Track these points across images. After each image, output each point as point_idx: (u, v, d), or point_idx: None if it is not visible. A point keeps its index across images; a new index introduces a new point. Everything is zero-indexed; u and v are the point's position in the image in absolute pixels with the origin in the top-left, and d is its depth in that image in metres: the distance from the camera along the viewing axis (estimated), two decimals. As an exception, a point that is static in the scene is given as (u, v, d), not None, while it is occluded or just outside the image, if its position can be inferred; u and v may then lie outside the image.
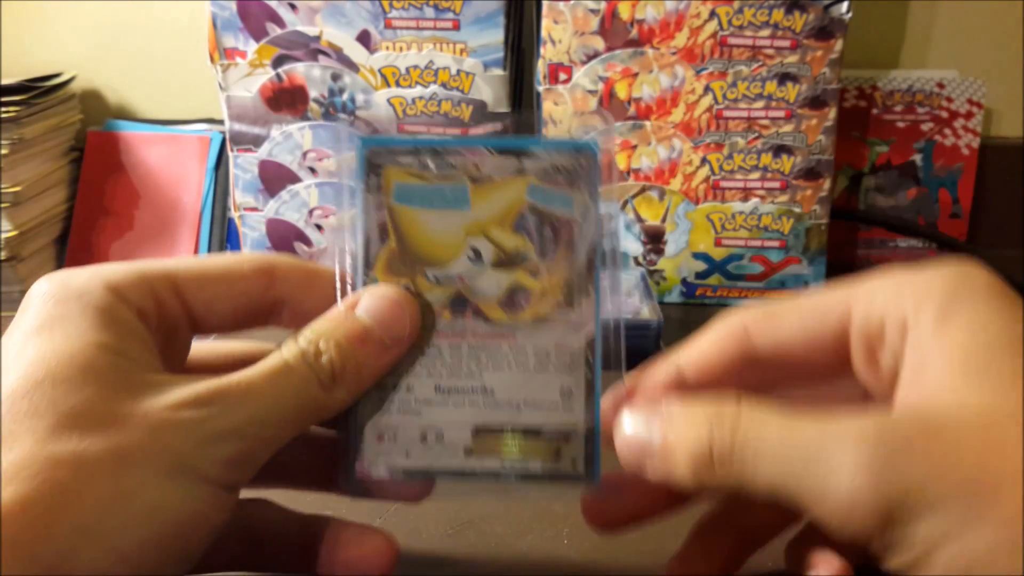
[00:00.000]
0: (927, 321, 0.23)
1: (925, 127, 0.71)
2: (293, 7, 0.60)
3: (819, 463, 0.21)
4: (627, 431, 0.25)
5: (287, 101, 0.62)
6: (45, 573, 0.19)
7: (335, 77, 0.61)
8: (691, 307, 0.65)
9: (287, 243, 0.65)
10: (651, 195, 0.63)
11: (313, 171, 0.63)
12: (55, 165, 0.68)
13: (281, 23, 0.61)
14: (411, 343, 0.27)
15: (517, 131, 0.46)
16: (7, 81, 0.64)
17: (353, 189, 0.28)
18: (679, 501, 0.28)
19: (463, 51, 0.61)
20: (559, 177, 0.28)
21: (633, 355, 0.28)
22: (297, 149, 0.63)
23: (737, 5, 0.59)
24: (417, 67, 0.61)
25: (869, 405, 0.25)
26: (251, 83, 0.62)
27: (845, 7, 0.59)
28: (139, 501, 0.21)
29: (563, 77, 0.61)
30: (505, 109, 0.62)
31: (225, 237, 0.69)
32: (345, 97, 0.62)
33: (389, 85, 0.61)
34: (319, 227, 0.65)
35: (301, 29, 0.61)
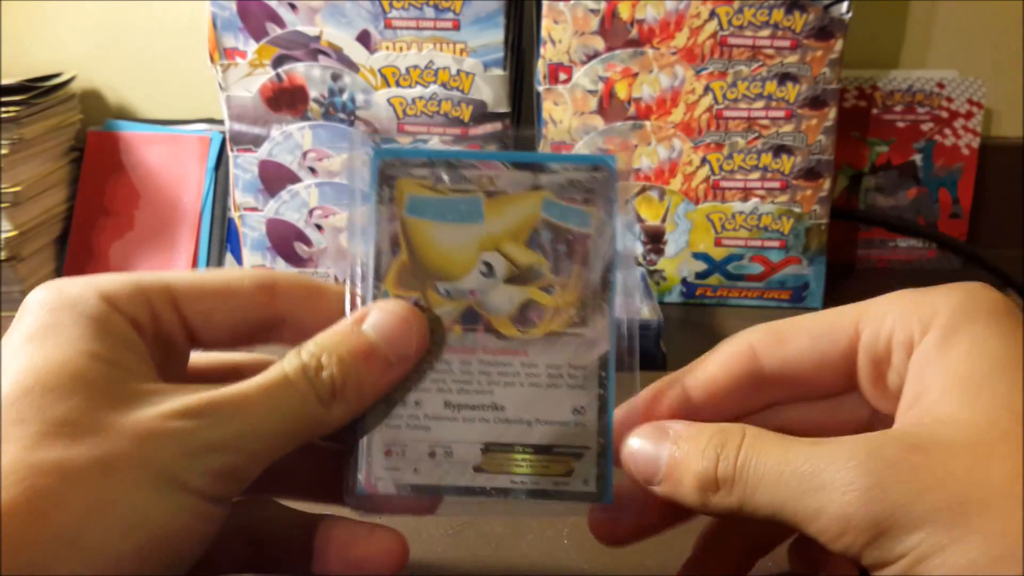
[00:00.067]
0: (930, 342, 0.24)
1: (925, 127, 0.71)
2: (293, 7, 0.60)
3: (813, 482, 0.22)
4: (635, 451, 0.26)
5: (287, 101, 0.62)
6: None
7: (335, 77, 0.61)
8: (691, 307, 0.65)
9: (287, 243, 0.65)
10: (651, 195, 0.63)
11: (313, 171, 0.63)
12: (55, 165, 0.68)
13: (281, 23, 0.61)
14: (417, 361, 0.27)
15: (517, 146, 0.45)
16: (7, 81, 0.64)
17: (365, 199, 0.27)
18: (685, 516, 0.28)
19: (463, 51, 0.61)
20: (575, 193, 0.27)
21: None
22: (297, 149, 0.63)
23: (737, 5, 0.59)
24: (417, 67, 0.61)
25: (874, 425, 0.26)
26: (251, 83, 0.62)
27: (845, 7, 0.59)
28: (122, 510, 0.21)
29: (563, 77, 0.61)
30: (505, 109, 0.62)
31: (225, 237, 0.69)
32: (345, 97, 0.62)
33: (389, 85, 0.61)
34: (319, 227, 0.65)
35: (301, 29, 0.61)
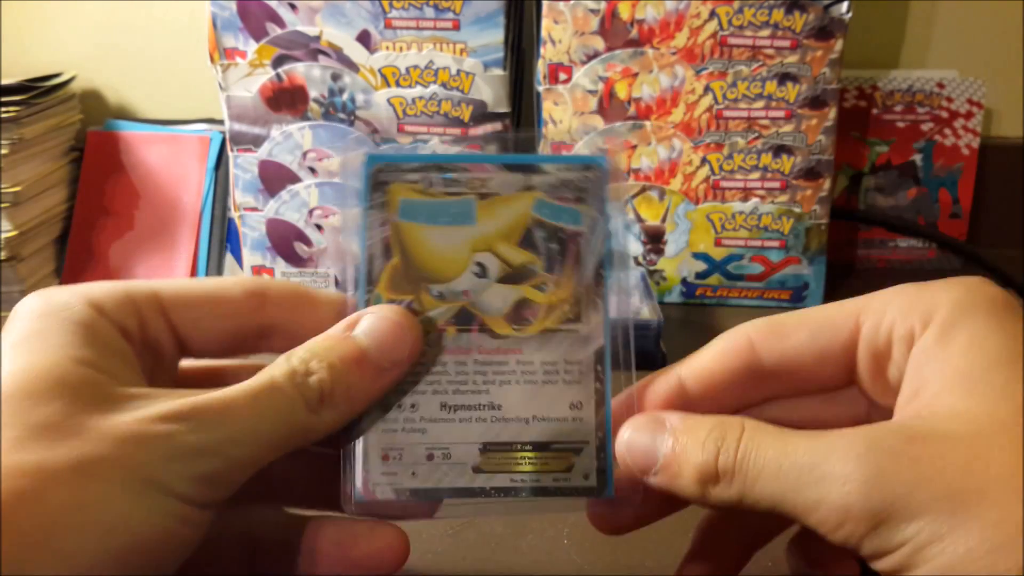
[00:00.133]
0: (930, 337, 0.24)
1: (925, 127, 0.71)
2: (293, 7, 0.60)
3: (812, 473, 0.22)
4: (632, 442, 0.26)
5: (287, 101, 0.62)
6: None
7: (335, 77, 0.61)
8: (691, 307, 0.65)
9: (287, 243, 0.65)
10: (651, 195, 0.63)
11: (313, 171, 0.63)
12: (55, 165, 0.68)
13: (281, 23, 0.61)
14: (412, 363, 0.26)
15: (517, 149, 0.46)
16: (7, 81, 0.64)
17: (357, 204, 0.27)
18: (682, 504, 0.28)
19: (463, 51, 0.61)
20: (567, 192, 0.28)
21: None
22: (297, 149, 0.63)
23: (737, 5, 0.59)
24: (417, 67, 0.61)
25: (872, 419, 0.25)
26: (251, 83, 0.62)
27: (845, 7, 0.59)
28: (99, 512, 0.21)
29: (563, 77, 0.61)
30: (505, 109, 0.62)
31: (225, 237, 0.69)
32: (345, 97, 0.62)
33: (389, 85, 0.61)
34: (319, 227, 0.65)
35: (301, 29, 0.61)
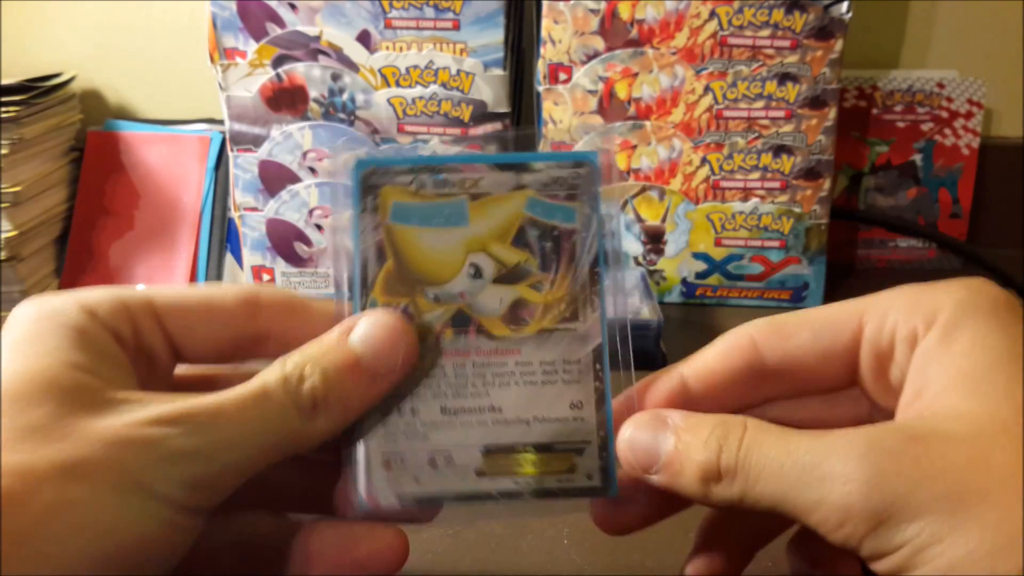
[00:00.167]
0: (933, 338, 0.24)
1: (925, 127, 0.71)
2: (293, 7, 0.60)
3: (813, 473, 0.22)
4: (634, 441, 0.26)
5: (287, 101, 0.62)
6: None
7: (335, 77, 0.61)
8: (691, 307, 0.65)
9: (287, 243, 0.65)
10: (651, 195, 0.63)
11: (313, 171, 0.63)
12: (55, 165, 0.68)
13: (281, 23, 0.61)
14: (411, 368, 0.26)
15: (517, 146, 0.46)
16: (7, 81, 0.64)
17: (349, 208, 0.27)
18: (687, 503, 0.28)
19: (463, 51, 0.61)
20: (558, 190, 0.27)
21: (633, 355, 0.28)
22: (297, 149, 0.63)
23: (737, 5, 0.59)
24: (417, 67, 0.61)
25: (874, 419, 0.25)
26: (251, 83, 0.62)
27: (845, 7, 0.59)
28: (83, 514, 0.20)
29: (563, 77, 0.61)
30: (505, 109, 0.62)
31: (225, 237, 0.69)
32: (345, 97, 0.62)
33: (389, 85, 0.61)
34: (319, 227, 0.65)
35: (301, 29, 0.61)
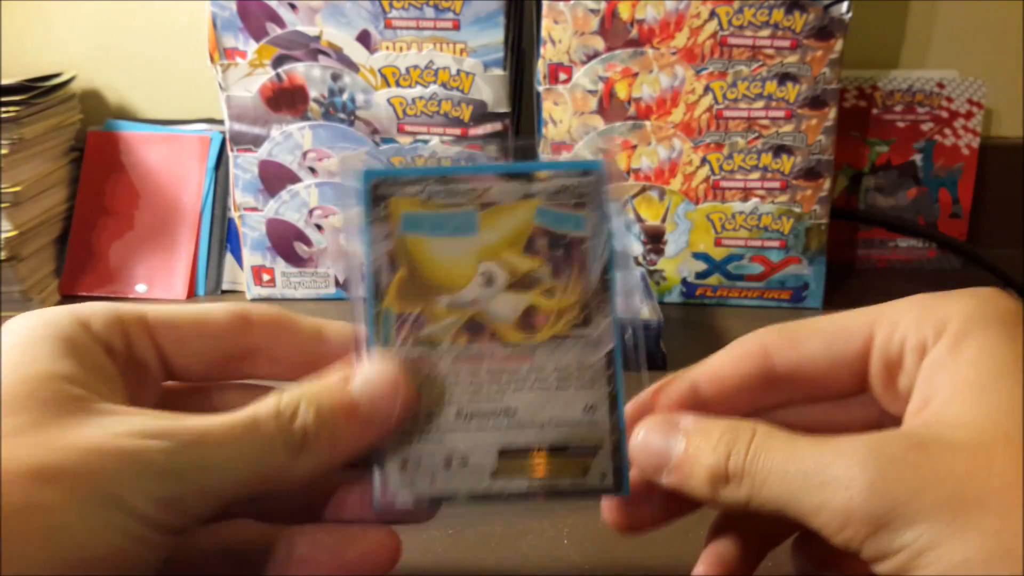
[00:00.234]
0: (942, 347, 0.24)
1: (925, 127, 0.71)
2: (293, 7, 0.60)
3: (817, 477, 0.22)
4: (646, 442, 0.26)
5: (287, 101, 0.62)
6: None
7: (335, 77, 0.61)
8: (691, 307, 0.65)
9: (287, 243, 0.65)
10: (651, 195, 0.63)
11: (313, 171, 0.63)
12: (55, 165, 0.68)
13: (281, 23, 0.61)
14: (427, 375, 0.27)
15: (517, 156, 0.46)
16: (7, 81, 0.64)
17: (356, 203, 0.28)
18: (696, 505, 0.28)
19: (463, 51, 0.61)
20: (567, 198, 0.28)
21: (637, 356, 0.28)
22: (297, 149, 0.63)
23: (737, 5, 0.59)
24: (417, 67, 0.61)
25: (883, 426, 0.26)
26: (251, 83, 0.62)
27: (845, 7, 0.59)
28: (51, 519, 0.20)
29: (563, 77, 0.61)
30: (505, 109, 0.62)
31: (225, 237, 0.69)
32: (345, 97, 0.62)
33: (389, 85, 0.61)
34: (319, 227, 0.65)
35: (301, 29, 0.61)
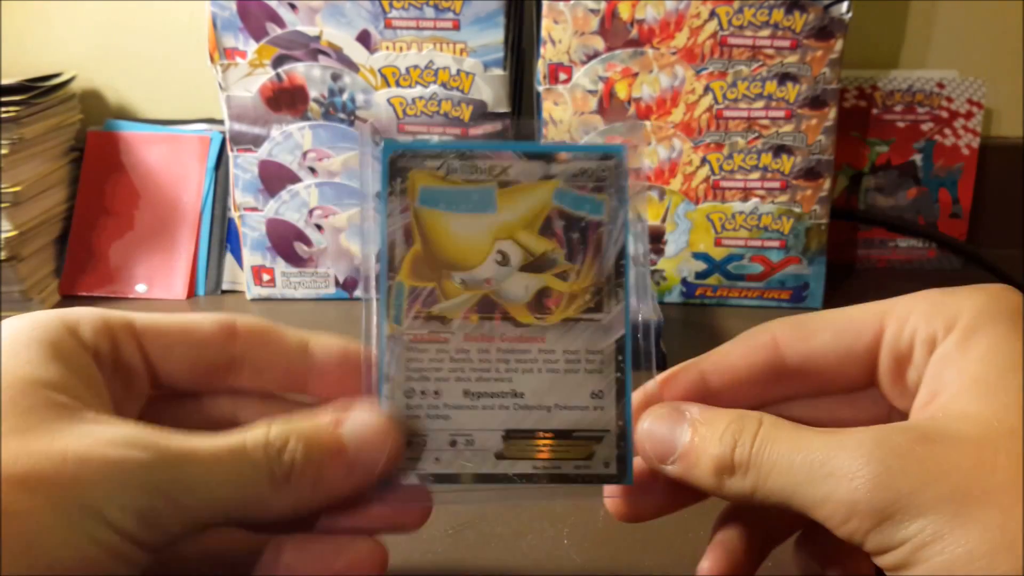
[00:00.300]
0: (951, 342, 0.24)
1: (925, 127, 0.71)
2: (293, 7, 0.60)
3: (822, 469, 0.22)
4: (652, 431, 0.26)
5: (287, 101, 0.62)
6: None
7: (335, 77, 0.61)
8: (691, 307, 0.65)
9: (287, 243, 0.65)
10: (651, 195, 0.63)
11: (313, 171, 0.63)
12: (55, 165, 0.68)
13: (281, 23, 0.61)
14: (437, 351, 0.27)
15: (517, 138, 0.47)
16: (7, 81, 0.64)
17: (376, 191, 0.27)
18: (700, 496, 0.28)
19: (463, 51, 0.61)
20: (586, 181, 0.28)
21: (636, 353, 0.28)
22: (297, 149, 0.63)
23: (737, 5, 0.59)
24: (417, 67, 0.61)
25: (891, 420, 0.26)
26: (251, 83, 0.62)
27: (845, 7, 0.59)
28: (25, 524, 0.20)
29: (563, 77, 0.61)
30: (505, 109, 0.62)
31: (225, 237, 0.69)
32: (345, 97, 0.62)
33: (389, 85, 0.61)
34: (319, 227, 0.65)
35: (301, 29, 0.61)
